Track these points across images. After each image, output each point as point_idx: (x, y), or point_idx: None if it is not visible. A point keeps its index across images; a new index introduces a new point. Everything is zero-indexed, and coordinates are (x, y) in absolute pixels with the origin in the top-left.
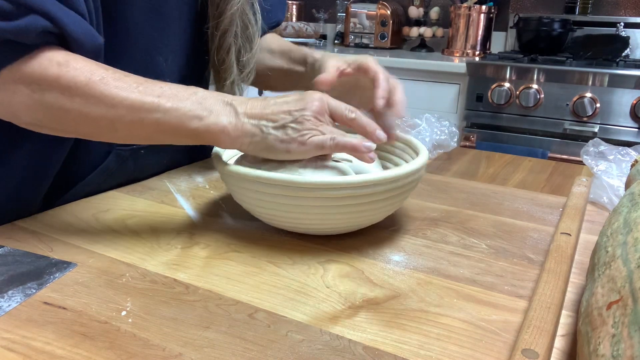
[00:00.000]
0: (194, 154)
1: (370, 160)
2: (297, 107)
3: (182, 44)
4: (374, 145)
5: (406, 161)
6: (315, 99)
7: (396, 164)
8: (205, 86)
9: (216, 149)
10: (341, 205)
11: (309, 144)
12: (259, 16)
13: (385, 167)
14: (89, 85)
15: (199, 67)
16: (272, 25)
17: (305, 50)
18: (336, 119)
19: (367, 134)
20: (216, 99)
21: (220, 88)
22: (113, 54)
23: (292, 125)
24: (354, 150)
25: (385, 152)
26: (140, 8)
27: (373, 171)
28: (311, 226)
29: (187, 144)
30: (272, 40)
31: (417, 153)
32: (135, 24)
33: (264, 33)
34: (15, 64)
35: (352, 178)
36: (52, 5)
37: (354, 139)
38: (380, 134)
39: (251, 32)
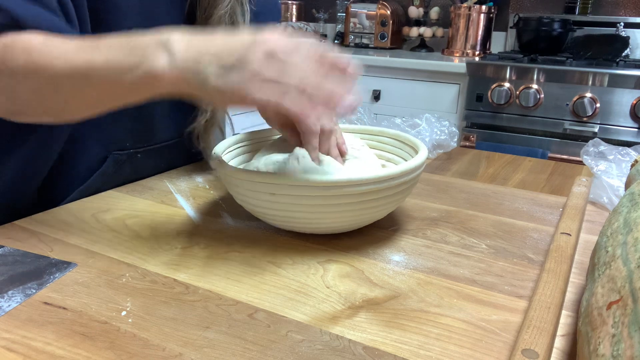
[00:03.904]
0: (192, 157)
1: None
2: (246, 42)
3: None
4: (327, 126)
5: (405, 159)
6: (272, 36)
7: (396, 163)
8: None
9: (215, 150)
10: (346, 203)
11: (263, 92)
12: (247, 18)
13: (384, 166)
14: (28, 62)
15: None
16: None
17: None
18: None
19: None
20: (150, 39)
21: None
22: None
23: (244, 63)
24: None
25: (384, 152)
26: (131, 12)
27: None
28: (315, 225)
29: (138, 99)
30: None
31: (415, 150)
32: (127, 28)
33: None
34: None
35: (362, 174)
36: (11, 3)
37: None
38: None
39: None
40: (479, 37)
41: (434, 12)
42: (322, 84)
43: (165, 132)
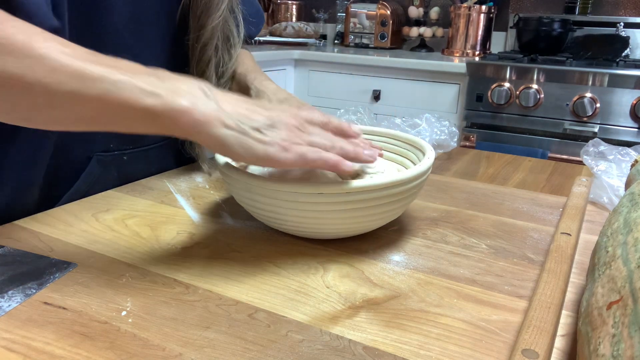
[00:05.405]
0: (182, 159)
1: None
2: (274, 113)
3: (161, 53)
4: (356, 166)
5: (410, 159)
6: (292, 113)
7: (400, 163)
8: None
9: (218, 155)
10: (357, 208)
11: (292, 151)
12: (241, 28)
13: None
14: (26, 45)
15: None
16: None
17: (249, 78)
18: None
19: (346, 135)
20: (181, 79)
21: None
22: None
23: (273, 128)
24: (335, 168)
25: (388, 152)
26: (120, 14)
27: (383, 169)
28: (321, 231)
29: (137, 131)
30: (241, 60)
31: (421, 151)
32: (114, 30)
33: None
34: None
35: (380, 180)
36: None
37: (334, 156)
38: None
39: (232, 43)
40: (479, 37)
41: (434, 12)
42: (340, 144)
43: (151, 134)
